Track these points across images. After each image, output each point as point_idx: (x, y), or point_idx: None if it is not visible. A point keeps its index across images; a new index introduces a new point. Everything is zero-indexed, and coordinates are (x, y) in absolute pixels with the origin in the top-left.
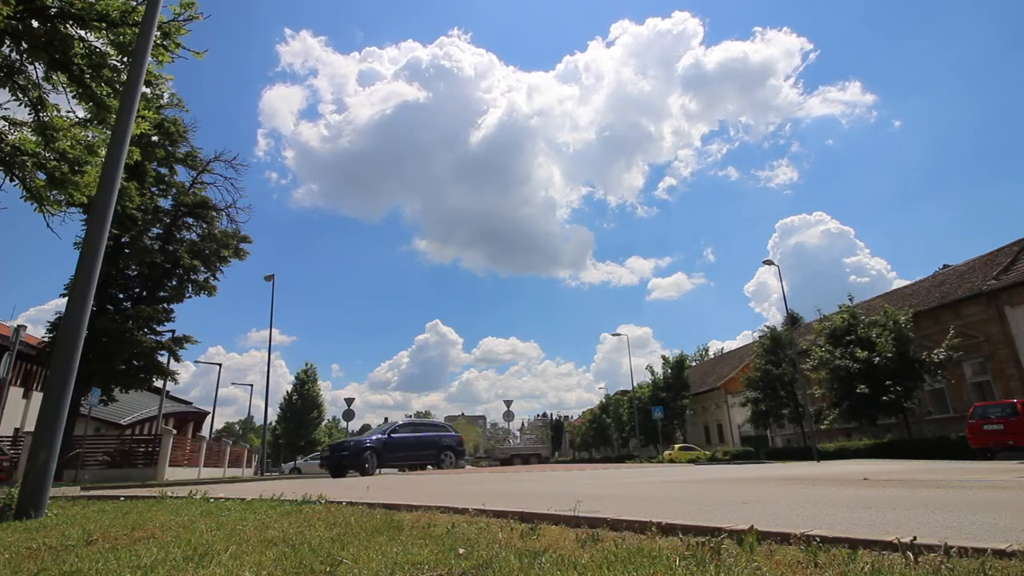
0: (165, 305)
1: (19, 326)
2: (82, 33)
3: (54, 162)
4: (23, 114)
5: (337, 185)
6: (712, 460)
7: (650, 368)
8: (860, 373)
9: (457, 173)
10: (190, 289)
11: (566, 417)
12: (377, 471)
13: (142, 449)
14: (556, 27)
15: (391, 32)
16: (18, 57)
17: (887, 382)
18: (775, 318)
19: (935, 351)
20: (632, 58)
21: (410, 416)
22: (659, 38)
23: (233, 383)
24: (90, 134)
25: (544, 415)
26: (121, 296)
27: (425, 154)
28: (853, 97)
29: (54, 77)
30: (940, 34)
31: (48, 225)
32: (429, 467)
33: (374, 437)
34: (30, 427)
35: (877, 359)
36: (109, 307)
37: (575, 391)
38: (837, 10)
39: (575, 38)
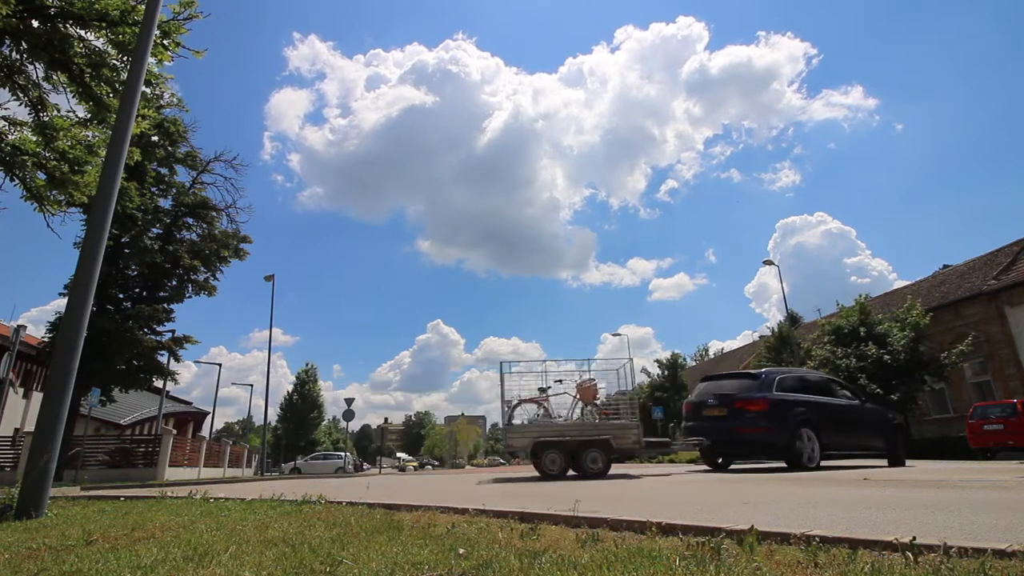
0: (165, 305)
1: (19, 326)
2: (82, 32)
3: (54, 162)
4: (23, 114)
5: (342, 188)
6: None
7: (645, 371)
8: (867, 372)
9: (461, 175)
10: (190, 289)
11: None
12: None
13: (142, 449)
14: (561, 33)
15: (396, 36)
16: (18, 57)
17: (894, 381)
18: (776, 319)
19: (942, 354)
20: (637, 63)
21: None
22: (664, 43)
23: (234, 383)
24: (90, 134)
25: None
26: (121, 296)
27: (430, 157)
28: (855, 101)
29: (54, 77)
30: (942, 39)
31: (48, 225)
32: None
33: (792, 399)
34: (30, 427)
35: (888, 357)
36: (109, 307)
37: None
38: (840, 15)
39: (580, 44)
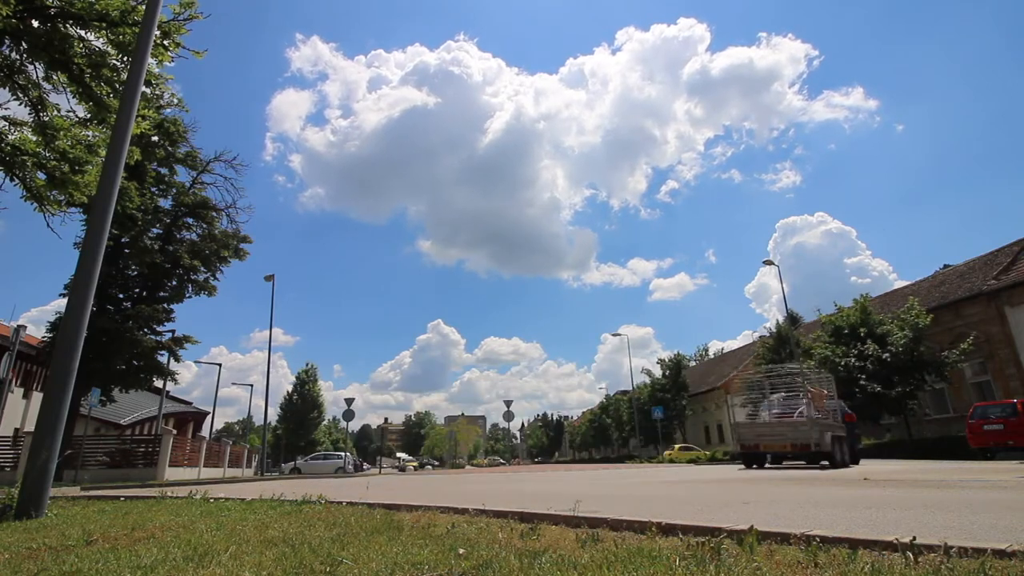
0: (165, 305)
1: (19, 326)
2: (82, 33)
3: (54, 162)
4: (23, 114)
5: (343, 189)
6: (712, 460)
7: (647, 371)
8: (868, 371)
9: (463, 176)
10: (190, 289)
11: (566, 417)
12: None
13: (142, 449)
14: (562, 34)
15: (398, 37)
16: (18, 57)
17: (895, 377)
18: (776, 319)
19: (943, 353)
20: (638, 64)
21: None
22: (665, 44)
23: (234, 383)
24: (90, 134)
25: (544, 415)
26: (121, 296)
27: (431, 158)
28: (856, 102)
29: (54, 77)
30: (942, 39)
31: (48, 225)
32: None
33: None
34: (30, 427)
35: (886, 356)
36: (109, 307)
37: (576, 391)
38: (841, 16)
39: (581, 45)
